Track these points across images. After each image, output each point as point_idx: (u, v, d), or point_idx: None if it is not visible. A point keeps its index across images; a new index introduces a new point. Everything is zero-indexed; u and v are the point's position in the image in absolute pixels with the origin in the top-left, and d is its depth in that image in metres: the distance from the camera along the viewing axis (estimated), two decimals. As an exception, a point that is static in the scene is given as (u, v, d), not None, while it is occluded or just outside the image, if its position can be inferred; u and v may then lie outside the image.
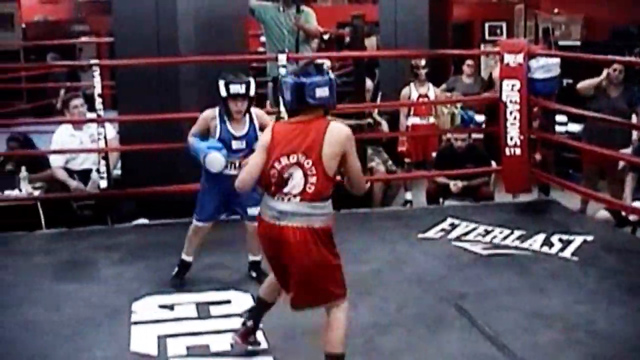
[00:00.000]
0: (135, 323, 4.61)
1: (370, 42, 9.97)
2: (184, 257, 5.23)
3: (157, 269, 5.49)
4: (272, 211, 3.67)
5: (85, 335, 4.47)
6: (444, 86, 9.10)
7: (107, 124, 6.73)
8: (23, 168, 6.86)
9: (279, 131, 3.73)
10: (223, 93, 4.85)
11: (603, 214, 6.70)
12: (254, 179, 3.78)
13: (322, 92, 3.63)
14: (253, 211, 4.69)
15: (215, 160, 4.84)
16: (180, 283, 5.17)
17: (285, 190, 3.64)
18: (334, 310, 3.74)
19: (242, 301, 4.82)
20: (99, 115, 6.56)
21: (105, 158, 6.62)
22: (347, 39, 10.95)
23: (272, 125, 3.88)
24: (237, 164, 4.91)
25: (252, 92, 4.91)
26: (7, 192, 6.76)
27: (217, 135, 4.97)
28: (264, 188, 3.76)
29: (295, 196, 3.63)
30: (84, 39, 14.36)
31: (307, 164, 3.60)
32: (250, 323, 4.15)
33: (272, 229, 3.68)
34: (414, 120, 8.16)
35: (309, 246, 3.63)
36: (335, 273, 3.74)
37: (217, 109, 5.00)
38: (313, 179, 3.61)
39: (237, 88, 4.84)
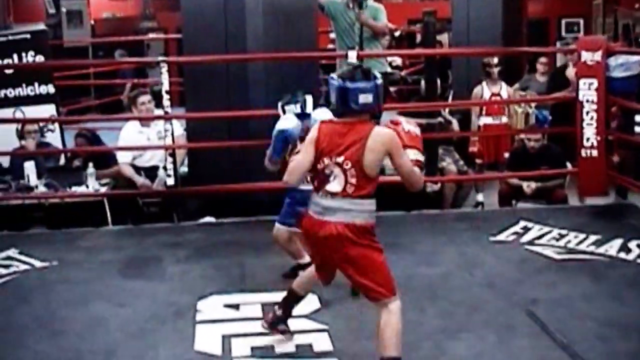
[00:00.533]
0: (200, 322, 4.59)
1: (442, 39, 9.82)
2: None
3: (223, 267, 5.48)
4: (317, 207, 3.78)
5: (150, 333, 4.48)
6: (517, 85, 8.90)
7: (174, 121, 6.72)
8: (90, 164, 6.88)
9: (325, 130, 3.78)
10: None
11: None
12: (302, 173, 3.88)
13: (366, 98, 3.68)
14: None
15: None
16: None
17: (327, 187, 3.73)
18: (384, 312, 3.74)
19: (309, 302, 4.70)
20: (166, 112, 6.56)
21: (172, 155, 6.61)
22: (419, 37, 10.83)
23: (319, 123, 3.88)
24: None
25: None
26: (75, 188, 6.79)
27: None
28: (312, 184, 3.85)
29: (335, 194, 3.71)
30: (152, 35, 14.47)
31: (347, 165, 3.67)
32: (280, 312, 4.24)
33: (315, 224, 3.78)
34: (485, 120, 8.01)
35: (349, 241, 3.70)
36: (378, 269, 3.77)
37: None
38: (353, 180, 3.68)
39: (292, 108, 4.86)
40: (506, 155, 7.74)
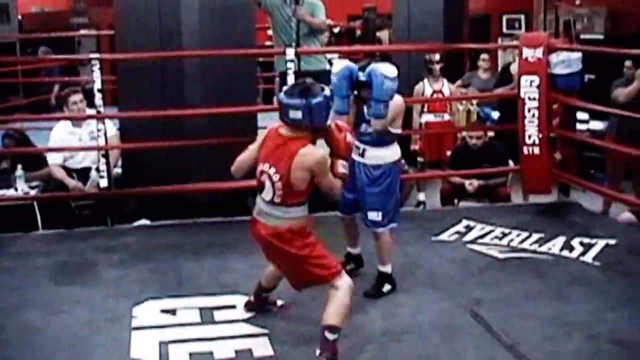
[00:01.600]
0: (136, 328, 4.49)
1: (383, 35, 9.74)
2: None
3: (159, 272, 5.37)
4: (257, 207, 4.07)
5: (84, 341, 4.37)
6: (459, 82, 8.88)
7: (107, 121, 6.57)
8: (19, 166, 6.74)
9: (269, 137, 4.03)
10: None
11: (627, 215, 6.52)
12: (243, 168, 4.17)
13: (295, 114, 3.86)
14: (374, 216, 4.82)
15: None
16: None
17: (262, 194, 4.01)
18: (331, 290, 3.99)
19: None
20: (98, 112, 6.39)
21: (106, 156, 6.45)
22: (359, 33, 10.74)
23: (269, 128, 4.06)
24: (360, 151, 4.80)
25: None
26: (3, 192, 6.64)
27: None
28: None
29: (268, 201, 3.99)
30: (83, 31, 14.16)
31: (275, 177, 3.91)
32: (252, 298, 4.59)
33: (256, 224, 4.07)
34: (427, 117, 7.97)
35: (277, 243, 3.99)
36: (312, 261, 4.00)
37: None
38: (280, 192, 3.93)
39: None
40: (448, 153, 7.69)
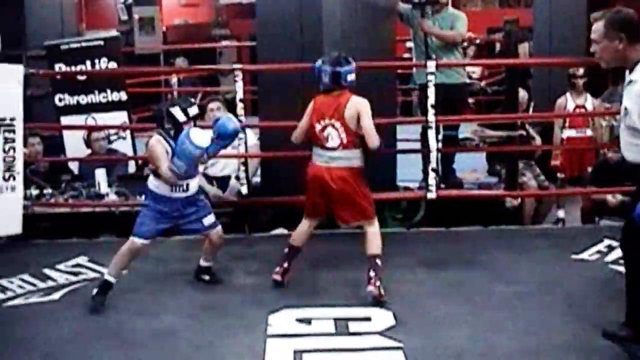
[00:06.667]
0: (272, 336, 4.54)
1: (523, 48, 9.55)
2: (109, 278, 5.11)
3: (295, 281, 5.39)
4: (323, 157, 5.11)
5: (220, 346, 4.45)
6: (600, 98, 8.59)
7: (248, 130, 6.66)
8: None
9: (318, 102, 5.16)
10: (182, 118, 5.01)
11: None
12: (302, 135, 5.30)
13: (352, 77, 5.13)
14: (210, 219, 5.28)
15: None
16: (102, 306, 5.02)
17: (328, 144, 5.08)
18: (368, 227, 5.11)
19: (383, 319, 4.69)
20: (240, 121, 6.41)
21: (245, 165, 6.53)
22: (498, 46, 10.57)
23: (315, 98, 5.20)
24: (185, 187, 5.12)
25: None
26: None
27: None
28: (314, 142, 5.14)
29: (336, 147, 5.05)
30: (224, 42, 14.41)
31: (336, 124, 5.03)
32: (286, 265, 5.32)
33: (322, 171, 5.08)
34: (569, 132, 7.73)
35: (348, 179, 5.06)
36: (366, 196, 5.15)
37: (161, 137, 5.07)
38: (343, 135, 5.03)
39: (194, 110, 5.12)
40: (590, 169, 7.45)
